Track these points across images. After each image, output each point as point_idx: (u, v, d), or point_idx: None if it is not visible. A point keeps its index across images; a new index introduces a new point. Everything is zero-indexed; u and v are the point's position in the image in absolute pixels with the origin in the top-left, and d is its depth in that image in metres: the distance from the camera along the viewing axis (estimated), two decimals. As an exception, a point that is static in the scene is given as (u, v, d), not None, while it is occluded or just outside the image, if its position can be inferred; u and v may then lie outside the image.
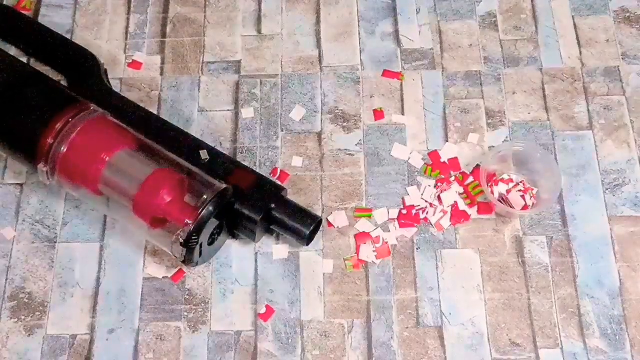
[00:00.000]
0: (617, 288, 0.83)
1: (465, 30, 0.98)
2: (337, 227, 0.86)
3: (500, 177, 0.87)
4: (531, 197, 0.86)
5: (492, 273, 0.84)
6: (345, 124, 0.92)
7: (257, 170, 0.85)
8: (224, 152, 0.87)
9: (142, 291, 0.83)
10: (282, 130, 0.92)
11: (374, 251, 0.85)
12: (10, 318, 0.82)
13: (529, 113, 0.92)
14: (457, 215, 0.86)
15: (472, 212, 0.86)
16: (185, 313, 0.82)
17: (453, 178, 0.88)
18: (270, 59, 0.96)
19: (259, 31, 0.98)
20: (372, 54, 0.96)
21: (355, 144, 0.91)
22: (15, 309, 0.82)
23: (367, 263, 0.84)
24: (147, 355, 0.80)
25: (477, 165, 0.89)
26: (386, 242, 0.85)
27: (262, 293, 0.83)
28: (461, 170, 0.89)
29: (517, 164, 0.88)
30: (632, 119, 0.92)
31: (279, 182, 0.85)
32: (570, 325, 0.81)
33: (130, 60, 0.96)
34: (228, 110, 0.93)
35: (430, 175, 0.88)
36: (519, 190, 0.86)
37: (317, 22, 0.99)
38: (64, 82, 0.93)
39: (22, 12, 0.98)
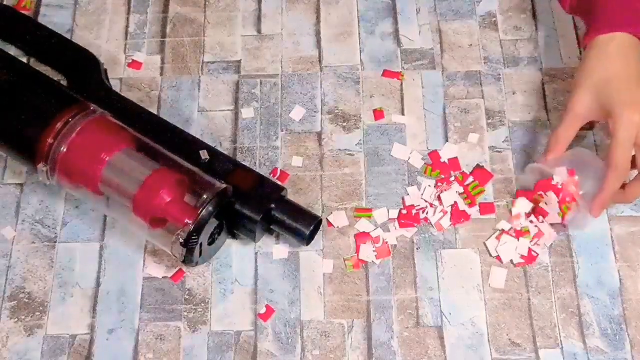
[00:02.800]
0: (617, 288, 0.83)
1: (465, 30, 0.98)
2: (337, 227, 0.86)
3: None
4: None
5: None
6: (345, 124, 0.92)
7: (257, 170, 0.85)
8: (224, 152, 0.87)
9: (142, 291, 0.83)
10: (282, 130, 0.92)
11: (374, 251, 0.85)
12: (10, 318, 0.82)
13: (529, 113, 0.92)
14: (457, 215, 0.86)
15: (472, 212, 0.86)
16: (185, 313, 0.82)
17: (453, 178, 0.88)
18: (270, 59, 0.96)
19: (259, 31, 0.98)
20: (372, 54, 0.96)
21: (355, 144, 0.91)
22: (15, 309, 0.82)
23: (367, 263, 0.84)
24: (147, 355, 0.80)
25: (477, 165, 0.89)
26: (386, 242, 0.85)
27: (262, 293, 0.83)
28: (461, 170, 0.89)
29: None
30: (632, 119, 0.92)
31: (279, 182, 0.85)
32: (570, 325, 0.81)
33: (130, 60, 0.96)
34: (228, 110, 0.93)
35: (430, 175, 0.88)
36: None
37: (317, 22, 0.99)
38: (64, 82, 0.93)
39: (22, 12, 0.99)
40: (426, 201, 0.87)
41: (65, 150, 0.78)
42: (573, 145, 0.84)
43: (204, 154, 0.84)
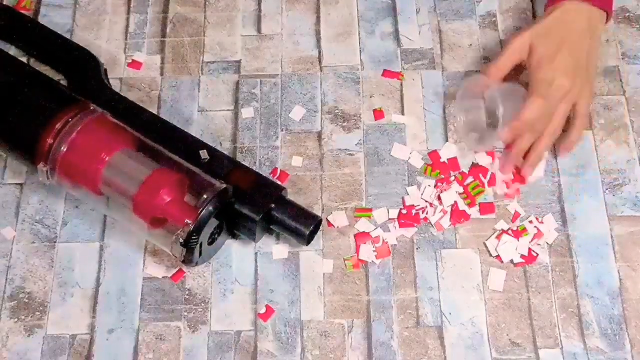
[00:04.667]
0: (617, 288, 0.83)
1: (465, 30, 0.98)
2: (337, 227, 0.86)
3: None
4: None
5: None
6: (345, 124, 0.92)
7: (257, 170, 0.85)
8: (224, 152, 0.87)
9: (142, 291, 0.83)
10: (282, 130, 0.92)
11: (374, 251, 0.85)
12: (10, 318, 0.82)
13: (529, 113, 0.92)
14: (457, 215, 0.86)
15: (472, 212, 0.86)
16: (185, 313, 0.82)
17: (453, 178, 0.88)
18: (270, 59, 0.96)
19: (259, 31, 0.98)
20: (372, 54, 0.96)
21: (355, 144, 0.91)
22: (15, 309, 0.82)
23: (367, 263, 0.84)
24: (147, 356, 0.80)
25: (473, 163, 0.89)
26: (386, 242, 0.85)
27: (262, 293, 0.83)
28: (461, 170, 0.88)
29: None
30: (632, 118, 0.92)
31: (279, 182, 0.85)
32: (570, 325, 0.81)
33: (130, 60, 0.96)
34: (228, 110, 0.93)
35: (430, 175, 0.88)
36: None
37: (317, 22, 0.99)
38: (64, 82, 0.93)
39: (22, 12, 0.98)
40: (426, 201, 0.87)
41: (65, 150, 0.78)
42: None
43: (204, 154, 0.84)
